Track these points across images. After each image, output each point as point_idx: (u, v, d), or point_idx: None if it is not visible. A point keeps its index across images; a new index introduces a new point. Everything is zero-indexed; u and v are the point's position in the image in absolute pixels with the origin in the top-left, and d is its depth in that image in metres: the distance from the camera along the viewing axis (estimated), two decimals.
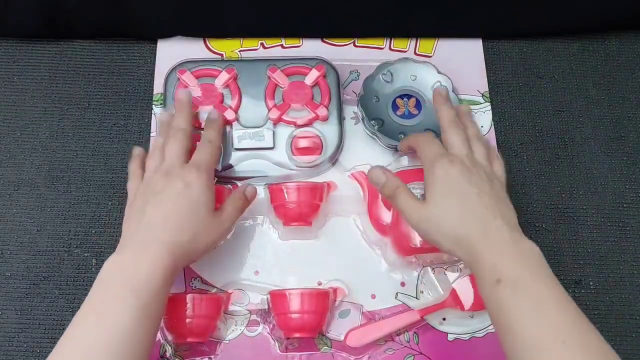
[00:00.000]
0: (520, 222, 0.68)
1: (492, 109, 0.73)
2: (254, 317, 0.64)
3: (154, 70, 0.74)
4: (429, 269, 0.65)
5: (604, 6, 0.74)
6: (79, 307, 0.63)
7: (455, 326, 0.64)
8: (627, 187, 0.71)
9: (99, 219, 0.68)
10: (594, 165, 0.72)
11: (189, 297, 0.60)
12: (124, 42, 0.76)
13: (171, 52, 0.74)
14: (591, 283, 0.67)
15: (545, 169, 0.72)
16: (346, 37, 0.76)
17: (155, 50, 0.75)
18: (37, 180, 0.69)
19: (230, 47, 0.75)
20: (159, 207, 0.56)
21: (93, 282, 0.65)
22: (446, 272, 0.65)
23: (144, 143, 0.71)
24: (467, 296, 0.63)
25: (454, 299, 0.63)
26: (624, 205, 0.70)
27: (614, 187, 0.71)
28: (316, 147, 0.68)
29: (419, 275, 0.65)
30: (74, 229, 0.67)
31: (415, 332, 0.64)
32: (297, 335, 0.60)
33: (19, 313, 0.64)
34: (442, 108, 0.63)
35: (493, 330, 0.63)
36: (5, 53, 0.75)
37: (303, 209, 0.64)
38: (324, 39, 0.76)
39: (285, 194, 0.64)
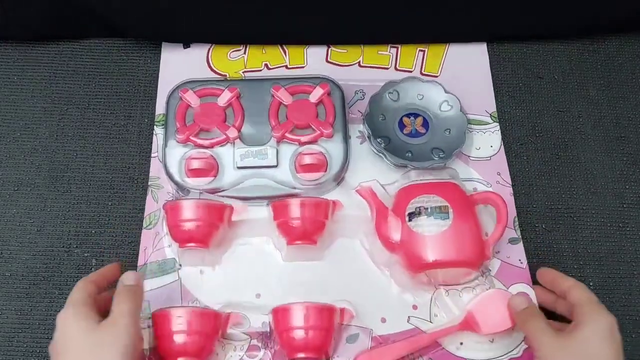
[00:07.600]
0: (520, 222, 0.68)
1: None
2: (254, 341, 0.60)
3: (153, 70, 0.74)
4: (443, 291, 0.62)
5: (604, 6, 0.74)
6: None
7: (474, 351, 0.60)
8: (627, 187, 0.71)
9: (99, 219, 0.68)
10: (594, 165, 0.72)
11: (182, 310, 0.57)
12: (124, 42, 0.76)
13: (174, 67, 0.74)
14: (591, 283, 0.67)
15: (545, 169, 0.72)
16: (350, 43, 0.75)
17: (157, 49, 0.75)
18: (37, 180, 0.69)
19: (233, 68, 0.74)
20: None
21: None
22: (461, 294, 0.62)
23: (144, 143, 0.71)
24: (484, 318, 0.60)
25: (470, 322, 0.60)
26: (624, 206, 0.70)
27: (614, 187, 0.71)
28: (321, 164, 0.65)
29: (432, 298, 0.62)
30: (74, 229, 0.67)
31: (430, 358, 0.60)
32: (301, 355, 0.57)
33: (19, 313, 0.64)
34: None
35: (516, 356, 0.60)
36: (5, 53, 0.75)
37: (307, 226, 0.61)
38: (328, 60, 0.75)
39: (289, 210, 0.61)
